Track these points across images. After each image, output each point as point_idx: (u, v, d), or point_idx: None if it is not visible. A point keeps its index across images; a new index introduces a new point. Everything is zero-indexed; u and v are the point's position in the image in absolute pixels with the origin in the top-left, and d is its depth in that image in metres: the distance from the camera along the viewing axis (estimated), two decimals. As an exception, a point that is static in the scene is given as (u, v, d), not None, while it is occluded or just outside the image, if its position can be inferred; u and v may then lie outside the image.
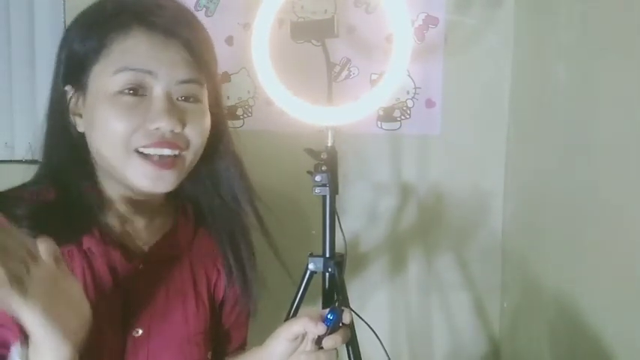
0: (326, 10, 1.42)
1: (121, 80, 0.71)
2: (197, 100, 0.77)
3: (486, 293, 1.51)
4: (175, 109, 0.74)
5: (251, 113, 1.46)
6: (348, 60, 1.44)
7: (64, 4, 1.43)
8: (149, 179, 0.73)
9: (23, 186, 0.78)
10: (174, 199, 0.86)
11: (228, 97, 1.45)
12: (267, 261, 1.14)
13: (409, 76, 1.43)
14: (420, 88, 1.44)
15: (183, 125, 0.74)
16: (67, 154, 0.77)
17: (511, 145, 1.45)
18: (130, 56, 0.72)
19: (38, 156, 0.80)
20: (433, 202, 1.48)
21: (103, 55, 0.72)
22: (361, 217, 1.49)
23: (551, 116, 1.23)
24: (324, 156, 1.06)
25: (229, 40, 1.44)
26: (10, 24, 1.45)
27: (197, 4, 1.43)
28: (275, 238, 0.93)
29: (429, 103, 1.45)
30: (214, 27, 1.43)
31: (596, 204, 1.04)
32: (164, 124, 0.72)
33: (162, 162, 0.73)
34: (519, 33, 1.40)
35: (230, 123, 1.54)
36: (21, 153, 1.47)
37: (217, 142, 0.84)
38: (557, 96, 1.20)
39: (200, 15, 1.42)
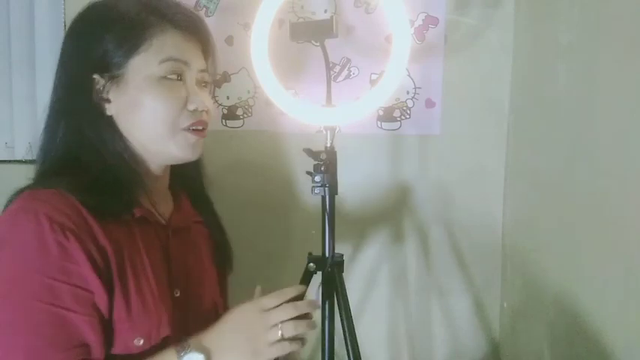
0: (326, 10, 1.42)
1: (166, 68, 0.85)
2: (207, 85, 0.94)
3: (486, 293, 1.51)
4: (202, 92, 0.90)
5: (251, 113, 1.46)
6: (348, 60, 1.44)
7: (64, 6, 1.43)
8: (191, 147, 0.88)
9: (62, 167, 0.85)
10: (172, 185, 0.99)
11: (228, 97, 1.45)
12: (267, 262, 1.13)
13: (409, 76, 1.43)
14: (420, 88, 1.44)
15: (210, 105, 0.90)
16: (98, 134, 0.86)
17: (511, 145, 1.45)
18: (170, 48, 0.86)
19: (37, 151, 0.88)
20: (433, 202, 1.48)
21: (143, 49, 0.84)
22: (361, 217, 1.49)
23: (551, 116, 1.23)
24: (322, 156, 1.06)
25: (229, 40, 1.44)
26: (10, 24, 1.45)
27: (197, 4, 1.43)
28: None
29: (429, 103, 1.45)
30: (214, 27, 1.43)
31: (596, 204, 1.04)
32: (201, 105, 0.87)
33: (200, 131, 0.89)
34: (519, 33, 1.40)
35: (230, 123, 1.56)
36: (21, 153, 1.47)
37: None
38: (557, 96, 1.20)
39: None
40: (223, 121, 1.46)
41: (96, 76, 0.84)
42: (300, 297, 0.86)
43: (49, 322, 0.73)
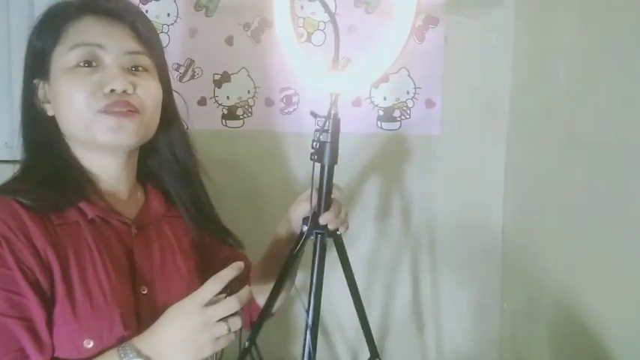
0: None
1: (76, 55, 0.83)
2: (145, 69, 0.88)
3: (486, 293, 1.51)
4: (125, 74, 0.85)
5: (251, 113, 1.46)
6: (348, 60, 1.43)
7: (64, 4, 1.44)
8: (113, 131, 0.83)
9: (18, 177, 0.89)
10: (142, 179, 0.98)
11: (228, 97, 1.45)
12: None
13: (409, 76, 1.43)
14: (420, 88, 1.44)
15: (134, 86, 0.85)
16: (43, 137, 0.88)
17: (511, 145, 1.45)
18: (83, 35, 0.83)
19: (20, 141, 0.92)
20: (432, 202, 1.48)
21: (60, 41, 0.84)
22: (360, 217, 1.49)
23: (551, 116, 1.23)
24: (319, 123, 0.97)
25: (229, 40, 1.43)
26: (10, 24, 1.45)
27: (197, 4, 1.43)
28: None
29: (429, 103, 1.45)
30: (214, 27, 1.44)
31: (596, 204, 1.04)
32: (117, 85, 0.82)
33: (122, 112, 0.83)
34: (519, 33, 1.40)
35: (230, 123, 1.55)
36: (21, 153, 1.47)
37: (170, 115, 0.96)
38: (557, 96, 1.20)
39: (200, 15, 1.42)
40: (223, 121, 1.46)
41: (36, 81, 0.87)
42: (237, 277, 0.80)
43: None
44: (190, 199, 1.01)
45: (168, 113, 0.95)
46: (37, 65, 0.86)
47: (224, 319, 0.77)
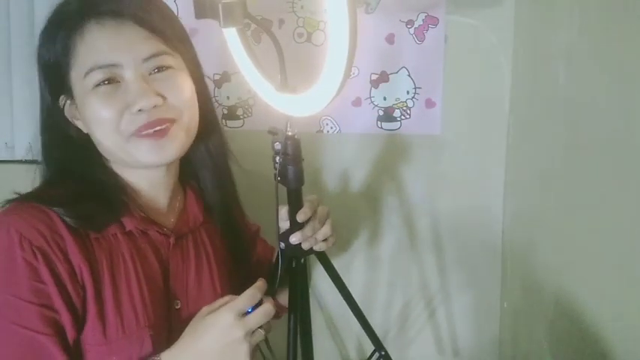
0: (326, 11, 1.42)
1: (93, 79, 0.77)
2: (169, 67, 0.81)
3: (486, 293, 1.51)
4: (150, 85, 0.79)
5: (251, 113, 1.46)
6: (349, 60, 1.44)
7: (64, 4, 1.43)
8: (153, 153, 0.79)
9: (44, 187, 0.83)
10: (182, 178, 0.94)
11: (228, 98, 1.45)
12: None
13: (409, 76, 1.43)
14: (420, 88, 1.44)
15: (163, 97, 0.79)
16: (75, 156, 0.83)
17: (511, 145, 1.45)
18: (93, 54, 0.77)
19: (40, 159, 0.85)
20: (432, 202, 1.48)
21: (72, 61, 0.78)
22: (360, 216, 1.49)
23: (551, 116, 1.23)
24: (277, 147, 0.93)
25: (229, 40, 1.43)
26: (10, 24, 1.45)
27: (197, 4, 1.43)
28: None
29: (429, 103, 1.45)
30: (215, 27, 1.44)
31: (596, 204, 1.04)
32: (144, 104, 0.77)
33: (157, 133, 0.79)
34: (519, 33, 1.40)
35: (230, 123, 1.55)
36: (21, 153, 1.47)
37: (205, 111, 0.90)
38: (558, 96, 1.20)
39: (200, 15, 1.43)
40: (223, 121, 1.46)
41: (62, 98, 0.82)
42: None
43: (16, 342, 0.70)
44: (221, 202, 0.98)
45: (205, 109, 0.90)
46: (58, 82, 0.80)
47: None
